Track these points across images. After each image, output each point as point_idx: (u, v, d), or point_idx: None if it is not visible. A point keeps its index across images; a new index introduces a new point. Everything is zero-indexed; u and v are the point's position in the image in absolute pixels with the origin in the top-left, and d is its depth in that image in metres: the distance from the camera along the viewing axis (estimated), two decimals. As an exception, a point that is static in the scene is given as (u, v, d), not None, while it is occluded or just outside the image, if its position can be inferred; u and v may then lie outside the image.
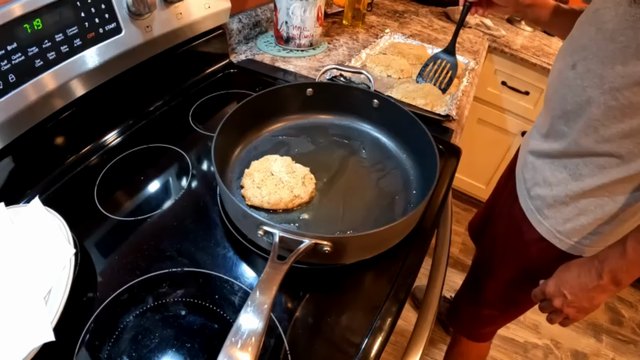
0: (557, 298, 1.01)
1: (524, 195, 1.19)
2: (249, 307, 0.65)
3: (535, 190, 1.14)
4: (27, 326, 0.68)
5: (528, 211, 1.17)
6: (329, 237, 0.77)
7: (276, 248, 0.76)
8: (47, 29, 0.92)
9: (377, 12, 2.36)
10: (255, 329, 0.62)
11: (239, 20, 1.68)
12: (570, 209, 1.05)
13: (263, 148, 1.13)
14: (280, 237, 0.77)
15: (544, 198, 1.11)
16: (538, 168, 1.13)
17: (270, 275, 0.70)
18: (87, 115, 1.12)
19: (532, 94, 2.46)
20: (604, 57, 0.90)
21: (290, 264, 0.73)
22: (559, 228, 1.09)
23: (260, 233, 0.80)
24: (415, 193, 1.04)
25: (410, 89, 1.43)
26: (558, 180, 1.06)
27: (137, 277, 0.83)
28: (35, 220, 0.84)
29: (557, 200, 1.07)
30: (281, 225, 0.79)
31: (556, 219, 1.09)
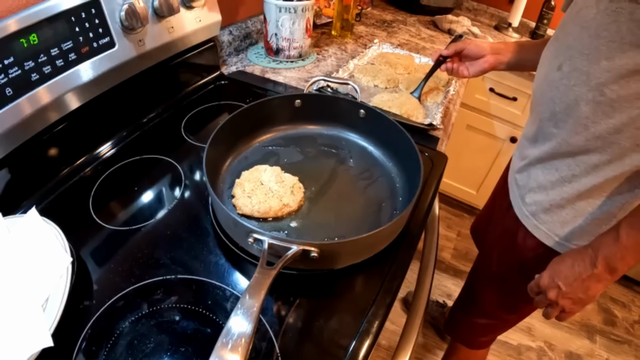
0: (551, 290, 0.99)
1: (518, 202, 1.18)
2: (239, 310, 0.67)
3: (530, 196, 1.12)
4: (25, 333, 0.70)
5: (523, 218, 1.16)
6: (315, 244, 0.80)
7: (265, 254, 0.78)
8: (42, 44, 0.94)
9: (365, 22, 2.38)
10: (245, 331, 0.65)
11: (229, 32, 1.70)
12: (567, 212, 1.04)
13: (253, 158, 1.15)
14: (269, 244, 0.80)
15: (539, 203, 1.09)
16: (531, 174, 1.12)
17: (259, 280, 0.73)
18: (82, 128, 1.14)
19: (519, 100, 2.49)
20: (589, 54, 0.90)
21: (279, 269, 0.76)
22: (557, 232, 1.07)
23: (250, 240, 0.82)
24: (401, 200, 1.06)
25: (385, 99, 1.46)
26: (552, 183, 1.05)
27: (132, 285, 0.85)
28: (32, 230, 0.86)
29: (553, 204, 1.06)
30: (270, 233, 0.81)
31: (553, 223, 1.07)
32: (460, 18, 2.50)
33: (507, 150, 2.69)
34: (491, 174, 2.85)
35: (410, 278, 0.94)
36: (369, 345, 0.80)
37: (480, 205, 2.96)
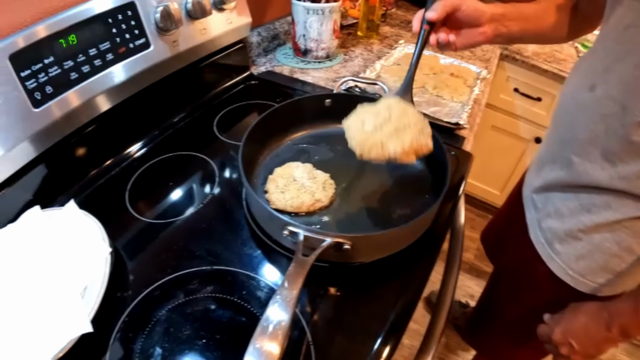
0: (563, 346, 0.97)
1: (534, 226, 1.10)
2: (277, 299, 0.70)
3: (547, 221, 1.04)
4: (66, 319, 0.72)
5: (538, 244, 1.08)
6: (349, 236, 0.82)
7: (301, 246, 0.81)
8: (81, 44, 0.98)
9: (390, 23, 2.38)
10: (283, 319, 0.67)
11: (258, 34, 1.73)
12: (583, 245, 0.95)
13: (285, 155, 1.18)
14: (304, 236, 0.82)
15: (555, 231, 1.01)
16: (549, 197, 1.04)
17: (297, 269, 0.75)
18: (117, 125, 1.18)
19: (544, 100, 2.47)
20: (630, 85, 0.78)
21: (314, 259, 0.78)
22: (571, 265, 0.99)
23: (286, 233, 0.85)
24: (428, 197, 1.08)
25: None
26: (570, 210, 0.96)
27: (169, 275, 0.88)
28: (70, 222, 0.90)
29: (569, 234, 0.97)
30: (304, 226, 0.83)
31: (568, 255, 0.99)
32: (485, 19, 2.48)
33: (532, 151, 2.65)
34: (515, 174, 2.81)
35: (433, 278, 0.94)
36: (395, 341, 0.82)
37: (504, 205, 2.94)
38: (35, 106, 0.91)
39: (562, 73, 2.29)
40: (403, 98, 0.99)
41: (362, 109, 0.94)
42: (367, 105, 0.94)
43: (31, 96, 0.90)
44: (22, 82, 0.88)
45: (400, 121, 0.89)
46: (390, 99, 0.95)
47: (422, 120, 0.93)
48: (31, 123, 0.91)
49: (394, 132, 0.87)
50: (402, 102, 0.94)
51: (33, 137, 0.93)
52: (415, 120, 0.91)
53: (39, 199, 1.00)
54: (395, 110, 0.91)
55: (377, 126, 0.88)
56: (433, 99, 1.54)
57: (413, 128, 0.89)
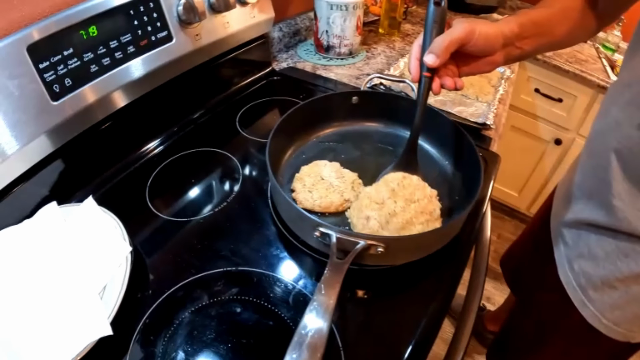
0: None
1: (565, 265, 1.02)
2: (314, 306, 0.67)
3: (579, 263, 0.96)
4: (84, 320, 0.70)
5: (570, 287, 0.99)
6: (383, 238, 0.79)
7: (334, 249, 0.77)
8: (102, 36, 0.96)
9: (411, 21, 2.36)
10: (321, 327, 0.64)
11: (279, 29, 1.71)
12: (619, 294, 0.88)
13: (311, 153, 1.15)
14: (337, 238, 0.79)
15: (589, 276, 0.93)
16: (582, 235, 0.95)
17: (333, 274, 0.72)
18: (137, 120, 1.16)
19: (565, 101, 2.45)
20: None
21: (349, 262, 0.75)
22: (606, 314, 0.92)
23: (317, 234, 0.81)
24: (457, 199, 1.04)
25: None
26: (607, 254, 0.87)
27: (193, 275, 0.85)
28: (88, 219, 0.87)
29: (605, 282, 0.89)
30: (338, 227, 0.80)
31: (603, 304, 0.92)
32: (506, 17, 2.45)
33: (551, 153, 2.65)
34: (534, 176, 2.81)
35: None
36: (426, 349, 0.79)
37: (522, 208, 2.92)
38: (53, 99, 0.89)
39: (584, 74, 2.28)
40: (407, 169, 0.99)
41: (364, 197, 0.93)
42: (368, 189, 0.95)
43: (49, 89, 0.88)
44: (40, 74, 0.86)
45: (407, 212, 0.88)
46: (392, 176, 0.96)
47: (431, 202, 0.93)
48: (49, 117, 0.89)
49: (400, 229, 0.87)
50: (408, 183, 0.94)
51: (51, 131, 0.91)
52: (423, 207, 0.90)
53: (55, 195, 0.97)
54: (400, 196, 0.91)
55: (383, 223, 0.88)
56: (458, 97, 1.51)
57: (421, 218, 0.89)
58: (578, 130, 2.50)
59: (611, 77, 2.28)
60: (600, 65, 2.41)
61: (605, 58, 2.49)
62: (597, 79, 2.26)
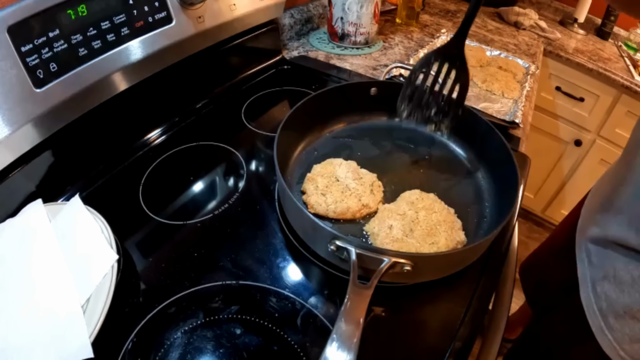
0: None
1: (587, 285, 0.94)
2: (335, 339, 0.57)
3: (603, 285, 0.88)
4: (62, 339, 0.63)
5: (589, 311, 0.91)
6: (410, 255, 0.70)
7: (355, 268, 0.67)
8: (92, 16, 0.87)
9: (429, 11, 2.30)
10: None
11: (290, 16, 1.65)
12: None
13: (324, 150, 1.06)
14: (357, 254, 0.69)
15: (612, 302, 0.85)
16: (608, 254, 0.88)
17: (354, 302, 0.62)
18: (132, 110, 1.09)
19: (587, 101, 2.38)
20: None
21: (374, 287, 0.65)
22: (624, 346, 0.84)
23: (332, 248, 0.72)
24: (488, 205, 0.96)
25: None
26: (633, 279, 0.81)
27: (187, 289, 0.77)
28: (74, 220, 0.80)
29: (627, 311, 0.82)
30: (357, 240, 0.71)
31: (622, 334, 0.83)
32: (528, 11, 2.38)
33: (570, 154, 2.59)
34: (551, 177, 2.75)
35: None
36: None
37: (537, 210, 2.86)
38: (37, 86, 0.81)
39: (607, 73, 2.21)
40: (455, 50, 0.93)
41: (384, 210, 0.88)
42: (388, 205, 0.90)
43: (33, 75, 0.79)
44: (23, 59, 0.77)
45: (430, 220, 0.85)
46: (410, 193, 0.92)
47: (450, 213, 0.89)
48: (33, 105, 0.81)
49: (426, 235, 0.82)
50: (425, 196, 0.91)
51: (35, 120, 0.83)
52: (445, 216, 0.87)
53: (42, 191, 0.90)
54: (421, 207, 0.87)
55: (407, 231, 0.83)
56: (483, 93, 1.44)
57: (444, 226, 0.85)
58: (599, 131, 2.44)
59: (635, 77, 2.22)
60: (623, 64, 2.35)
61: (627, 57, 2.43)
62: (621, 78, 2.20)
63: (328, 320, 0.73)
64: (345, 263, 0.71)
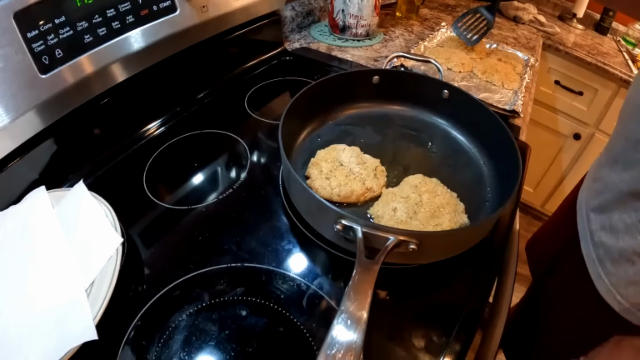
0: None
1: (587, 239, 0.96)
2: (343, 316, 0.57)
3: (600, 235, 0.90)
4: (68, 322, 0.63)
5: (589, 260, 0.94)
6: (416, 233, 0.70)
7: (362, 245, 0.68)
8: (98, 3, 0.88)
9: (429, 5, 2.31)
10: (353, 341, 0.54)
11: (292, 8, 1.65)
12: (636, 270, 0.82)
13: (327, 137, 1.06)
14: (364, 233, 0.69)
15: (608, 248, 0.88)
16: (604, 206, 0.91)
17: (363, 276, 0.62)
18: (137, 98, 1.09)
19: (585, 95, 2.39)
20: None
21: (381, 263, 0.65)
22: (620, 290, 0.85)
23: (338, 227, 0.71)
24: (490, 190, 0.97)
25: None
26: (627, 226, 0.82)
27: (192, 272, 0.77)
28: (78, 206, 0.80)
29: (623, 255, 0.83)
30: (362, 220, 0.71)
31: (618, 278, 0.85)
32: (527, 5, 2.39)
33: (569, 148, 2.59)
34: (550, 172, 2.76)
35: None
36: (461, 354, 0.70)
37: (537, 204, 2.87)
38: (42, 72, 0.81)
39: (606, 67, 2.22)
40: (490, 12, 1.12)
41: (387, 194, 0.90)
42: (392, 189, 0.92)
43: (38, 60, 0.80)
44: (28, 45, 0.77)
45: (433, 203, 0.87)
46: (413, 178, 0.94)
47: (453, 197, 0.91)
48: (37, 91, 0.81)
49: (430, 217, 0.84)
50: (428, 180, 0.93)
51: (40, 107, 0.83)
52: (447, 199, 0.89)
53: (46, 178, 0.89)
54: (424, 191, 0.89)
55: (411, 213, 0.85)
56: (483, 84, 1.45)
57: (447, 208, 0.87)
58: (598, 125, 2.45)
59: (634, 71, 2.23)
60: (621, 59, 2.36)
61: (626, 52, 2.44)
62: (620, 72, 2.20)
63: (334, 302, 0.73)
64: (351, 244, 0.71)
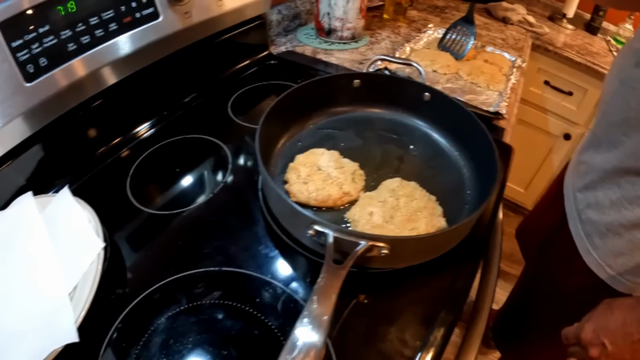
0: (594, 347, 0.84)
1: (574, 217, 1.03)
2: (306, 318, 0.58)
3: (587, 213, 0.97)
4: (50, 324, 0.65)
5: (577, 237, 1.00)
6: (387, 239, 0.71)
7: (331, 251, 0.69)
8: (81, 12, 0.89)
9: (417, 7, 2.30)
10: (314, 343, 0.56)
11: (278, 12, 1.65)
12: (623, 242, 0.88)
13: (307, 141, 1.07)
14: (334, 238, 0.70)
15: (595, 224, 0.94)
16: (589, 186, 0.97)
17: (328, 281, 0.64)
18: (121, 104, 1.09)
19: (575, 95, 2.38)
20: None
21: (349, 268, 0.67)
22: (609, 262, 0.92)
23: (311, 233, 0.73)
24: (470, 193, 0.98)
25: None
26: (612, 202, 0.89)
27: (171, 276, 0.78)
28: (63, 211, 0.81)
29: (610, 229, 0.90)
30: (335, 225, 0.72)
31: (606, 251, 0.92)
32: (515, 6, 2.39)
33: (560, 148, 2.59)
34: (541, 172, 2.74)
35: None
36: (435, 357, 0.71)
37: (528, 204, 2.87)
38: (27, 80, 0.82)
39: (595, 67, 2.22)
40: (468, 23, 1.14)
41: (365, 197, 0.91)
42: (369, 193, 0.92)
43: (23, 69, 0.81)
44: (13, 54, 0.79)
45: (410, 207, 0.87)
46: (391, 181, 0.94)
47: (431, 200, 0.91)
48: (23, 99, 0.82)
49: (406, 221, 0.84)
50: (406, 184, 0.93)
51: (26, 114, 0.84)
52: (425, 203, 0.89)
53: (33, 184, 0.91)
54: (401, 194, 0.90)
55: (387, 217, 0.85)
56: (468, 85, 1.46)
57: (424, 212, 0.87)
58: (588, 125, 2.42)
59: None
60: (612, 59, 2.32)
61: (616, 52, 2.41)
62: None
63: (308, 305, 0.74)
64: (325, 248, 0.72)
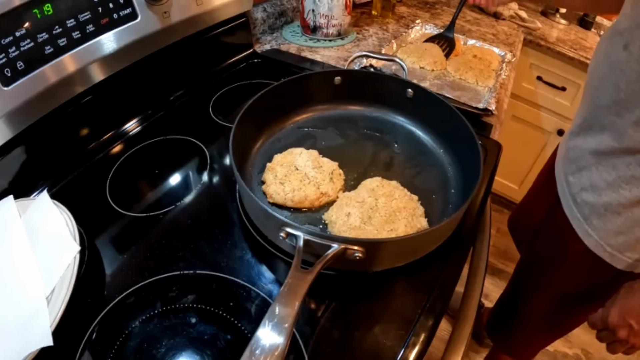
0: (622, 329, 0.89)
1: (568, 201, 1.04)
2: (269, 321, 0.57)
3: (582, 195, 0.98)
4: (25, 328, 0.65)
5: (574, 220, 1.01)
6: (361, 241, 0.69)
7: (300, 253, 0.68)
8: (57, 14, 0.88)
9: (407, 3, 2.28)
10: (276, 346, 0.54)
11: (263, 10, 1.63)
12: (622, 220, 0.89)
13: (287, 141, 1.06)
14: (305, 240, 0.69)
15: (592, 205, 0.95)
16: (583, 170, 0.98)
17: (293, 285, 0.62)
18: (102, 105, 1.09)
19: (568, 90, 2.36)
20: None
21: (317, 273, 0.65)
22: (609, 241, 0.93)
23: (282, 235, 0.71)
24: (454, 192, 0.96)
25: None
26: (607, 184, 0.90)
27: (146, 279, 0.78)
28: (42, 215, 0.81)
29: (608, 209, 0.91)
30: (306, 227, 0.70)
31: (606, 231, 0.93)
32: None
33: (553, 144, 2.53)
34: (535, 168, 2.71)
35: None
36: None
37: (521, 200, 2.85)
38: (4, 84, 0.82)
39: (589, 61, 2.14)
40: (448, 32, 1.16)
41: (343, 198, 0.89)
42: (348, 193, 0.90)
43: (0, 73, 0.81)
44: None
45: (389, 207, 0.85)
46: (370, 181, 0.92)
47: (412, 200, 0.90)
48: (1, 103, 0.83)
49: (385, 222, 0.82)
50: (386, 183, 0.91)
51: (4, 118, 0.84)
52: (405, 203, 0.87)
53: (14, 187, 0.91)
54: (381, 194, 0.87)
55: (365, 218, 0.83)
56: (456, 82, 1.44)
57: (404, 212, 0.85)
58: (581, 119, 2.38)
59: None
60: (605, 53, 2.30)
61: (610, 45, 2.38)
62: None
63: (282, 310, 0.73)
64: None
